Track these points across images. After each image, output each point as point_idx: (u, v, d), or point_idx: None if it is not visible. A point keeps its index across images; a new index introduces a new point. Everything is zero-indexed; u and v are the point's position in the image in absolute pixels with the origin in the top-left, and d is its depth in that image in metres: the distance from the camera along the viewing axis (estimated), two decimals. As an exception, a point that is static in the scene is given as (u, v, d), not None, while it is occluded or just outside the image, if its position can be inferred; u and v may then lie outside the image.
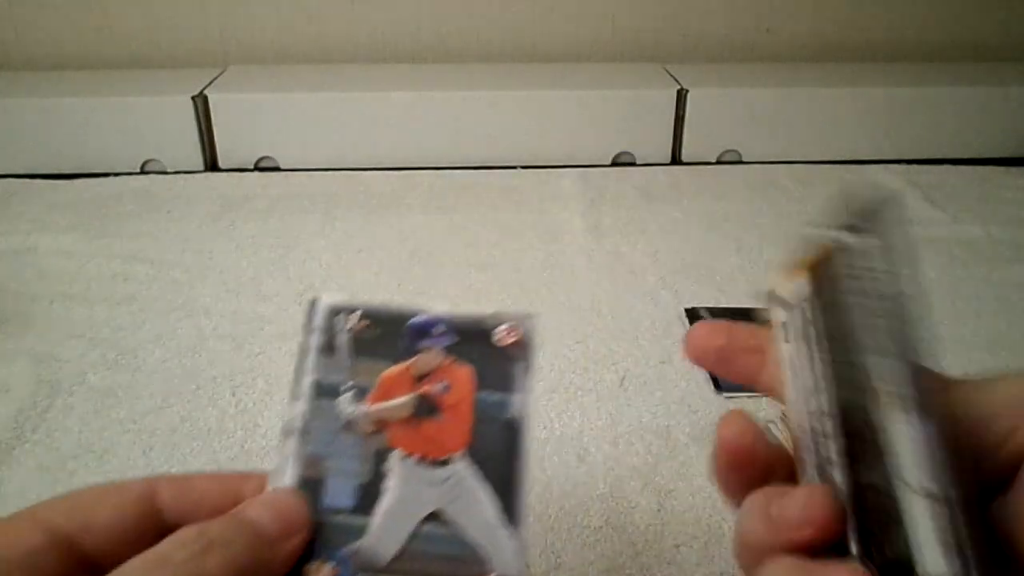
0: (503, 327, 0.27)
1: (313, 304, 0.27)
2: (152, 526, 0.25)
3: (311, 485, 0.25)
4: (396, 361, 0.27)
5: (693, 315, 0.59)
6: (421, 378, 0.26)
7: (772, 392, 0.25)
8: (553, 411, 0.49)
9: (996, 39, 0.98)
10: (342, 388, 0.26)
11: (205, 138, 0.83)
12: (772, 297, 0.25)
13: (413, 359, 0.27)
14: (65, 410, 0.49)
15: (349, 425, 0.26)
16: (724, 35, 0.97)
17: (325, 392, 0.26)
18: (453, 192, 0.79)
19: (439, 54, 0.95)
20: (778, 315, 0.25)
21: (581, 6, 0.95)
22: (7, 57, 0.92)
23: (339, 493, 0.25)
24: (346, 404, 0.26)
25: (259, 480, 0.27)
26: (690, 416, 0.49)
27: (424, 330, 0.27)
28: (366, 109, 0.84)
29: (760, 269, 0.65)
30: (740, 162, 0.86)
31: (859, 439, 0.21)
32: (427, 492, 0.26)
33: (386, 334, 0.27)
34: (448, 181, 0.81)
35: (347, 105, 0.84)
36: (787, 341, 0.24)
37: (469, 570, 0.25)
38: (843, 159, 0.86)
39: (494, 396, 0.26)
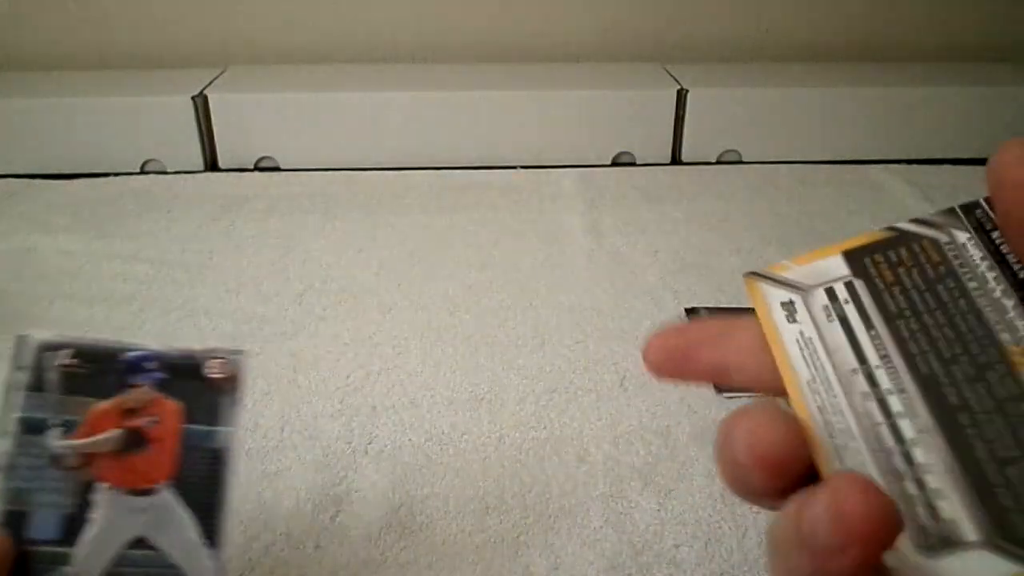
0: (214, 362, 0.29)
1: (21, 341, 0.28)
2: None
3: (15, 518, 0.26)
4: (106, 397, 0.28)
5: (693, 315, 0.59)
6: (130, 413, 0.28)
7: (757, 382, 0.24)
8: (553, 411, 0.49)
9: (996, 39, 0.98)
10: (50, 424, 0.27)
11: (205, 138, 0.83)
12: (767, 278, 0.25)
13: (124, 395, 0.28)
14: (65, 410, 0.49)
15: (56, 460, 0.27)
16: (724, 35, 0.97)
17: (32, 428, 0.27)
18: (453, 192, 0.79)
19: (439, 54, 0.95)
20: (775, 296, 0.24)
21: (581, 6, 0.95)
22: (7, 57, 0.92)
23: (45, 525, 0.26)
24: (53, 440, 0.27)
25: None
26: (690, 416, 0.49)
27: (136, 366, 0.28)
28: (366, 109, 0.84)
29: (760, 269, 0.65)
30: (740, 162, 0.86)
31: (966, 412, 0.20)
32: (130, 520, 0.27)
33: (97, 371, 0.28)
34: (448, 181, 0.81)
35: (347, 105, 0.84)
36: (794, 321, 0.23)
37: None
38: (843, 159, 0.86)
39: (201, 428, 0.28)
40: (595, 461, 0.45)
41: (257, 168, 0.84)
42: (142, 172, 0.83)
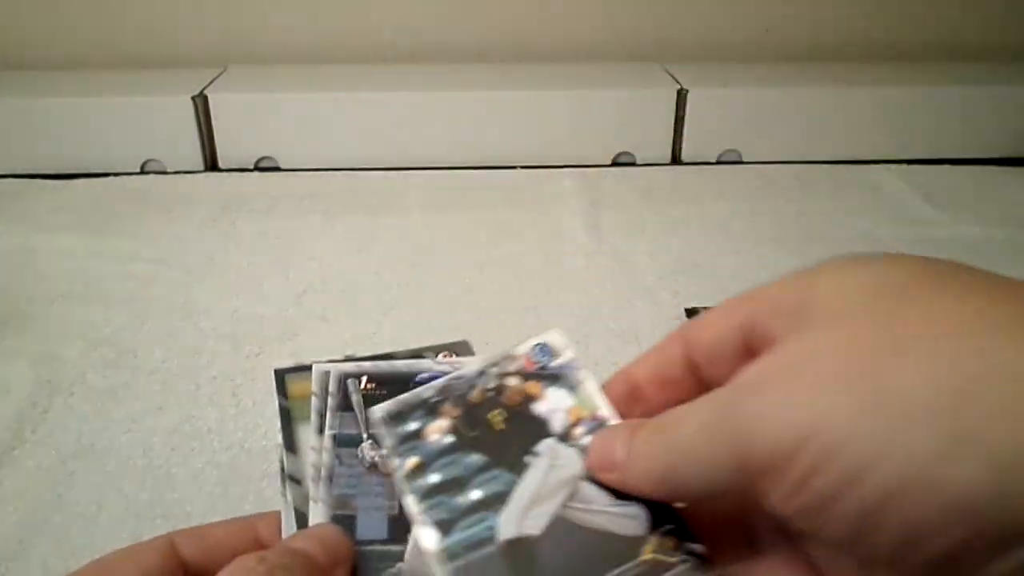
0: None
1: (325, 375, 0.31)
2: None
3: (344, 521, 0.28)
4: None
5: (693, 315, 0.59)
6: None
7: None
8: (553, 411, 0.49)
9: (996, 39, 0.98)
10: (362, 439, 0.30)
11: (205, 138, 0.83)
12: None
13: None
14: (65, 410, 0.49)
15: (373, 467, 0.29)
16: (724, 35, 0.97)
17: (346, 443, 0.30)
18: (453, 192, 0.79)
19: (439, 54, 0.95)
20: None
21: (581, 6, 0.95)
22: (7, 57, 0.92)
23: (372, 526, 0.28)
24: (367, 451, 0.30)
25: (273, 518, 0.28)
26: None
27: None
28: (366, 109, 0.84)
29: (760, 269, 0.65)
30: (740, 162, 0.86)
31: None
32: None
33: (391, 392, 0.30)
34: (448, 181, 0.81)
35: (347, 105, 0.84)
36: None
37: None
38: (843, 159, 0.86)
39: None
40: (595, 461, 0.45)
41: (257, 168, 0.84)
42: (142, 172, 0.83)
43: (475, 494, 0.27)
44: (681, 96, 0.84)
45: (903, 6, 0.96)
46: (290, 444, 0.30)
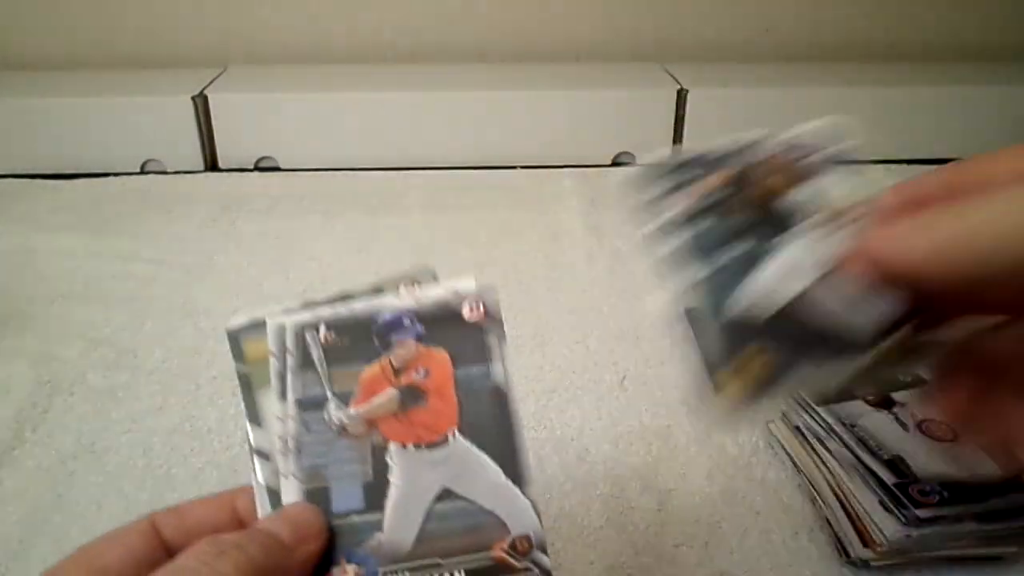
0: (466, 304, 0.28)
1: (280, 328, 0.28)
2: (161, 557, 0.26)
3: (317, 495, 0.26)
4: (369, 362, 0.27)
5: (693, 315, 0.59)
6: (399, 371, 0.28)
7: None
8: (553, 411, 0.49)
9: (996, 39, 0.98)
10: (327, 399, 0.27)
11: (205, 138, 0.83)
12: None
13: (388, 355, 0.28)
14: (65, 410, 0.49)
15: (342, 431, 0.27)
16: (724, 35, 0.97)
17: (308, 407, 0.27)
18: (453, 192, 0.79)
19: (439, 54, 0.95)
20: None
21: (581, 6, 0.95)
22: (7, 57, 0.92)
23: (347, 496, 0.26)
24: (334, 412, 0.27)
25: (250, 493, 0.27)
26: (690, 416, 0.49)
27: (393, 326, 0.28)
28: (366, 109, 0.84)
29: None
30: (740, 162, 0.86)
31: None
32: (430, 474, 0.27)
33: (354, 340, 0.27)
34: (448, 181, 0.81)
35: (347, 105, 0.83)
36: None
37: (490, 536, 0.26)
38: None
39: (473, 370, 0.28)
40: (595, 461, 0.45)
41: (257, 168, 0.84)
42: (142, 172, 0.83)
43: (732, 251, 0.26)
44: (681, 96, 0.84)
45: (903, 6, 0.96)
46: (253, 415, 0.27)
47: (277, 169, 0.84)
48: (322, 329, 0.28)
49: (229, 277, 0.64)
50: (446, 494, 0.27)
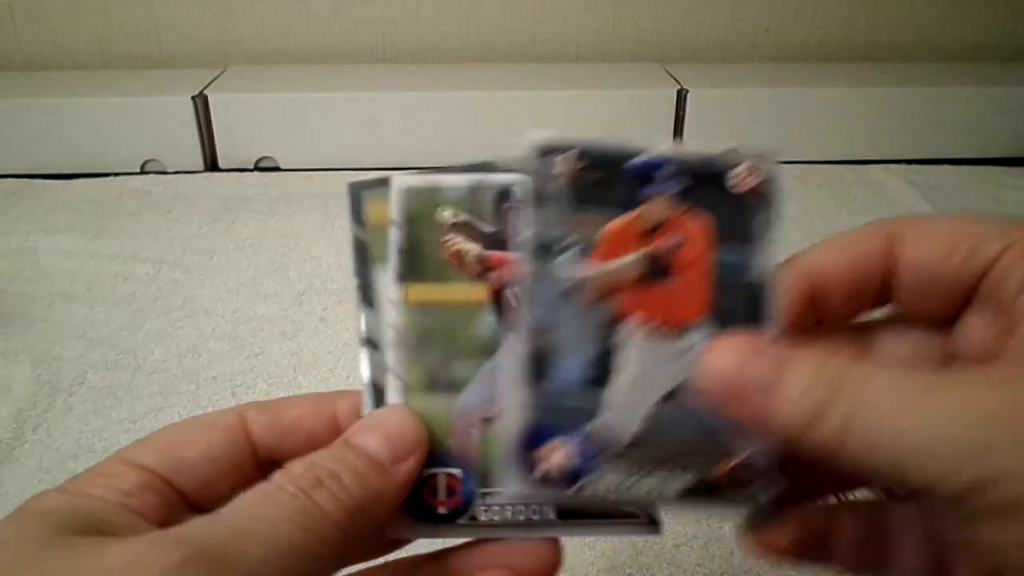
0: (741, 167, 0.22)
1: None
2: (246, 458, 0.24)
3: (539, 363, 0.21)
4: (618, 212, 0.22)
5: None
6: (648, 232, 0.22)
7: None
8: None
9: (996, 39, 0.98)
10: (561, 246, 0.22)
11: (205, 138, 0.83)
12: None
13: (637, 209, 0.22)
14: (65, 410, 0.49)
15: (570, 292, 0.22)
16: (724, 35, 0.97)
17: (540, 251, 0.22)
18: (453, 192, 0.79)
19: (439, 54, 0.95)
20: None
21: (581, 6, 0.95)
22: (7, 57, 0.92)
23: (565, 369, 0.22)
24: (568, 265, 0.22)
25: (354, 397, 0.25)
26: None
27: (648, 173, 0.22)
28: (366, 109, 0.84)
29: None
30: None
31: None
32: (666, 367, 0.22)
33: (605, 179, 0.22)
34: (448, 181, 0.81)
35: (347, 105, 0.83)
36: None
37: (714, 456, 0.22)
38: (843, 159, 0.86)
39: (733, 254, 0.22)
40: (595, 461, 0.45)
41: (257, 168, 0.84)
42: (142, 172, 0.83)
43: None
44: (681, 96, 0.84)
45: (903, 6, 0.96)
46: (367, 295, 0.23)
47: (277, 169, 0.84)
48: (572, 156, 0.22)
49: (229, 277, 0.64)
50: (672, 396, 0.22)
